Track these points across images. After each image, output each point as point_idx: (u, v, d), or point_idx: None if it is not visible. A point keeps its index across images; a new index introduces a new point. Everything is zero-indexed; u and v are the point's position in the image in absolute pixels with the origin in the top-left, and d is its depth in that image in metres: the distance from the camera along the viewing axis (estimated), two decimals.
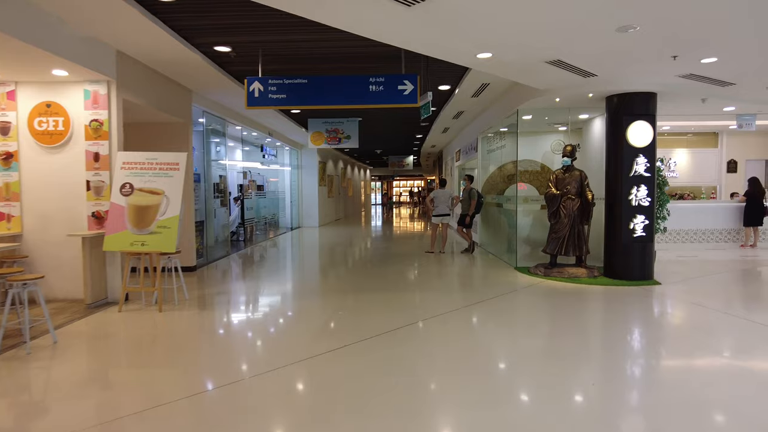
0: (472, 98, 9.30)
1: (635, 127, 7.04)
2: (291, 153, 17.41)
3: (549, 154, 9.73)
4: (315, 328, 5.09)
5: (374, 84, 6.22)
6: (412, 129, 14.31)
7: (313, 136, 11.85)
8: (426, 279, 7.76)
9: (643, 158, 7.07)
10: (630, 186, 7.11)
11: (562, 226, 7.62)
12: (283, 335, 4.96)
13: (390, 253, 10.89)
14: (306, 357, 4.16)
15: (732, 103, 8.26)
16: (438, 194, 10.49)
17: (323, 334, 4.90)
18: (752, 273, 8.09)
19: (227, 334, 5.03)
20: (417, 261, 9.50)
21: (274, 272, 8.71)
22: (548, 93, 7.21)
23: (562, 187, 7.66)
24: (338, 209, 22.30)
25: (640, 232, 7.12)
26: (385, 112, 11.41)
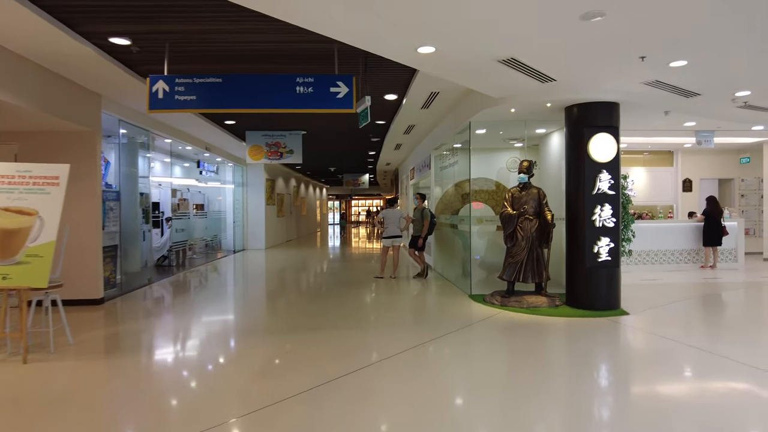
0: (422, 110, 8.53)
1: (597, 140, 6.39)
2: (235, 170, 16.21)
3: (504, 172, 9.06)
4: (231, 386, 4.01)
5: (302, 85, 5.29)
6: (363, 145, 13.46)
7: (252, 151, 10.79)
8: (372, 312, 6.78)
9: (607, 174, 6.41)
10: (593, 205, 6.42)
11: (520, 250, 6.84)
12: (186, 396, 3.85)
13: (338, 280, 9.87)
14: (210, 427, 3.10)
15: (693, 118, 7.80)
16: (387, 214, 9.61)
17: (239, 393, 3.83)
18: (719, 299, 7.53)
19: (103, 397, 3.87)
20: (366, 289, 8.52)
21: (198, 306, 7.52)
22: (503, 102, 6.49)
23: (519, 207, 6.91)
24: (290, 230, 21.11)
25: (606, 256, 6.42)
26: (331, 125, 10.51)
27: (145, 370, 4.48)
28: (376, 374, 4.17)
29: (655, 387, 3.87)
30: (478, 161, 9.08)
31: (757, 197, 13.87)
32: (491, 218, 8.34)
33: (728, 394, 3.72)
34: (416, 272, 10.00)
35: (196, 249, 14.64)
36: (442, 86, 7.01)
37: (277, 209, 18.84)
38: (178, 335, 5.71)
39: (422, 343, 5.05)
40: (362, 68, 5.72)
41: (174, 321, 6.41)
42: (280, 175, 19.37)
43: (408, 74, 6.67)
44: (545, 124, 7.94)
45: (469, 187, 7.84)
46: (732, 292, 7.92)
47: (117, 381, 4.17)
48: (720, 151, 13.45)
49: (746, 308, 7.14)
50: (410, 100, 7.80)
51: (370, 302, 7.39)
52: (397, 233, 9.52)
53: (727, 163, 13.68)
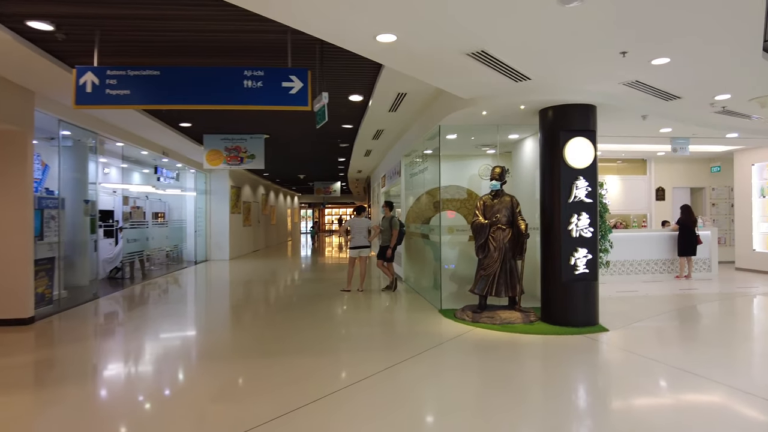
0: (390, 113, 8.05)
1: (574, 145, 6.00)
2: (197, 176, 15.44)
3: (476, 179, 8.65)
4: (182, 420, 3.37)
5: (251, 79, 4.73)
6: (331, 151, 12.91)
7: (210, 155, 10.12)
8: (336, 331, 6.20)
9: (584, 181, 6.02)
10: (569, 214, 6.02)
11: (492, 261, 6.39)
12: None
13: (302, 294, 9.25)
14: None
15: (670, 123, 7.53)
16: (354, 223, 9.06)
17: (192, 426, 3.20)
18: (699, 312, 7.22)
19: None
20: (331, 304, 7.93)
21: (145, 324, 6.81)
22: (474, 104, 6.05)
23: (491, 216, 6.47)
24: (257, 239, 20.33)
25: (583, 269, 6.01)
26: (294, 128, 9.94)
27: (71, 406, 3.80)
28: (331, 408, 3.60)
29: (640, 416, 3.41)
30: (449, 168, 8.65)
31: (727, 206, 13.85)
32: (463, 228, 7.89)
33: (716, 420, 3.29)
34: (386, 284, 9.46)
35: (155, 260, 13.81)
36: (410, 87, 6.54)
37: (243, 218, 18.08)
38: (116, 361, 5.03)
39: (385, 368, 4.50)
40: (318, 62, 5.19)
41: (114, 343, 5.71)
42: (247, 182, 18.64)
43: (372, 72, 6.17)
44: (518, 129, 7.56)
45: (439, 195, 7.36)
46: (710, 305, 7.62)
47: (37, 419, 3.49)
48: (692, 160, 13.38)
49: (726, 323, 6.83)
50: (377, 101, 7.31)
51: (332, 320, 6.81)
52: (365, 243, 8.98)
53: (698, 172, 13.63)
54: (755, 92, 5.82)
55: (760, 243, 11.74)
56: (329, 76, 6.20)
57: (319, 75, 5.09)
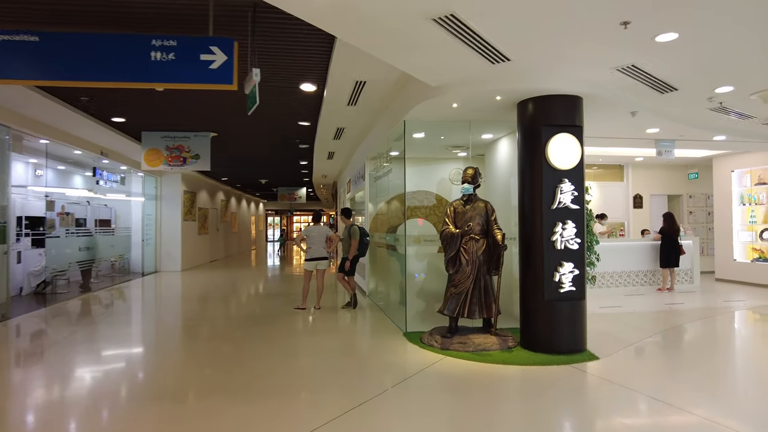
0: (349, 107, 7.10)
1: (558, 143, 5.17)
2: (146, 180, 14.16)
3: (446, 184, 7.79)
4: None
5: (160, 50, 3.71)
6: (290, 152, 11.86)
7: (149, 155, 8.97)
8: (281, 362, 5.15)
9: (569, 184, 5.19)
10: (553, 222, 5.17)
11: (464, 277, 5.48)
12: None
13: (254, 312, 8.16)
14: None
15: (659, 123, 6.83)
16: (311, 232, 8.04)
17: None
18: (692, 333, 6.47)
19: None
20: (282, 325, 6.87)
21: (51, 352, 5.62)
22: (443, 93, 5.16)
23: (463, 224, 5.58)
24: (215, 248, 19.02)
25: (569, 286, 5.16)
26: (245, 125, 8.89)
27: None
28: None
29: None
30: (416, 172, 7.79)
31: (704, 214, 13.41)
32: (431, 237, 6.99)
33: None
34: (346, 300, 8.47)
35: (96, 272, 12.46)
36: (369, 73, 5.62)
37: (198, 225, 16.81)
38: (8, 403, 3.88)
39: (337, 416, 3.51)
40: (251, 32, 4.19)
41: (7, 379, 4.54)
42: (204, 187, 17.38)
43: (321, 51, 5.22)
44: (493, 128, 6.73)
45: (404, 200, 6.44)
46: (702, 323, 6.90)
47: None
48: (669, 166, 12.89)
49: (728, 346, 6.10)
50: (333, 92, 6.36)
51: (280, 348, 5.78)
52: (323, 254, 7.98)
53: (676, 179, 13.15)
54: (761, 85, 5.12)
55: (741, 252, 11.26)
56: (269, 56, 5.21)
57: (252, 50, 4.11)
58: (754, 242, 11.01)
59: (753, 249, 11.06)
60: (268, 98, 7.04)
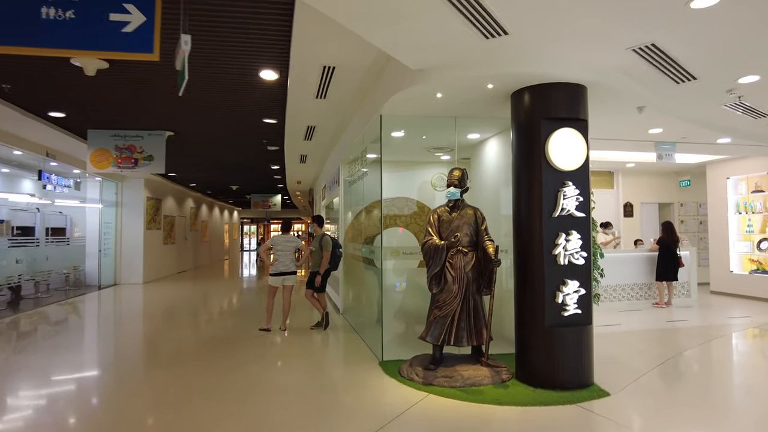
0: (319, 101, 6.26)
1: (560, 139, 4.39)
2: (104, 185, 13.06)
3: (428, 190, 7.01)
4: None
5: (54, 5, 2.82)
6: (259, 155, 10.93)
7: (96, 156, 7.97)
8: (233, 402, 4.23)
9: (574, 188, 4.41)
10: (555, 232, 4.38)
11: (450, 297, 4.65)
12: None
13: (212, 335, 7.19)
14: None
15: (665, 122, 6.15)
16: (278, 242, 7.13)
17: None
18: (708, 355, 5.75)
19: None
20: (242, 352, 5.93)
21: None
22: (425, 79, 4.36)
23: (449, 235, 4.76)
24: (183, 259, 17.88)
25: (574, 309, 4.36)
26: (206, 125, 7.96)
27: None
28: None
29: None
30: (396, 178, 7.02)
31: (695, 223, 12.88)
32: (412, 249, 6.16)
33: None
34: (317, 320, 7.56)
35: (44, 285, 11.32)
36: (339, 56, 4.79)
37: (164, 234, 15.70)
38: None
39: None
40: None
41: None
42: (170, 193, 16.29)
43: (279, 23, 4.37)
44: (481, 125, 5.96)
45: (381, 208, 5.59)
46: (714, 346, 6.18)
47: None
48: (660, 173, 12.34)
49: (752, 376, 5.38)
50: (298, 81, 5.51)
51: (235, 383, 4.85)
52: (290, 268, 7.06)
53: (666, 187, 12.59)
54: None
55: (738, 264, 10.69)
56: (211, 27, 4.35)
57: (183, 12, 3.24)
58: (752, 253, 10.46)
59: (750, 260, 10.50)
60: (226, 90, 6.16)
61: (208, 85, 5.98)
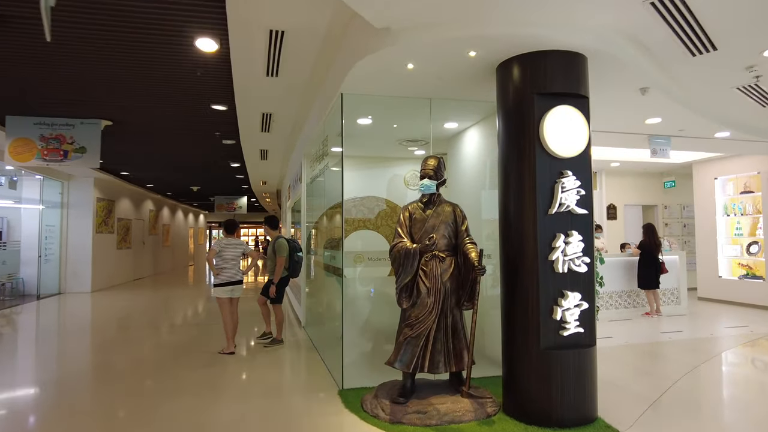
0: (270, 79, 5.35)
1: (557, 119, 3.60)
2: (46, 184, 11.82)
3: (401, 189, 6.20)
4: None
5: None
6: (216, 151, 9.91)
7: (16, 146, 6.87)
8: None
9: (574, 179, 3.62)
10: (552, 233, 3.57)
11: (424, 313, 3.79)
12: None
13: (154, 353, 6.17)
14: None
15: (667, 109, 5.44)
16: (225, 247, 6.14)
17: None
18: (724, 375, 5.03)
19: None
20: (184, 374, 4.96)
21: None
22: (392, 41, 3.51)
23: (422, 236, 3.91)
24: (140, 265, 16.62)
25: (575, 327, 3.55)
26: (147, 113, 6.95)
27: None
28: None
29: None
30: (364, 175, 6.22)
31: (679, 226, 12.37)
32: (380, 254, 5.31)
33: None
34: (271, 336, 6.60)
35: None
36: (288, 17, 3.91)
37: (117, 239, 14.48)
38: None
39: None
40: None
41: None
42: (125, 194, 15.07)
43: None
44: (460, 112, 5.16)
45: (342, 205, 4.70)
46: (724, 361, 5.48)
47: None
48: (644, 174, 11.79)
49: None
50: (241, 50, 4.59)
51: (164, 414, 3.89)
52: (238, 276, 6.11)
53: (650, 188, 12.04)
54: None
55: (726, 268, 10.16)
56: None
57: None
58: (741, 257, 9.94)
59: (739, 264, 9.98)
60: (162, 67, 5.20)
61: (141, 62, 5.02)
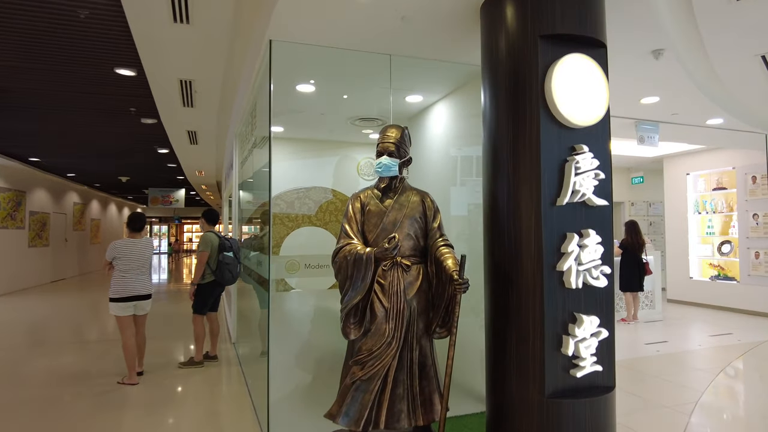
0: (180, 27, 4.08)
1: (568, 72, 2.55)
2: None
3: (353, 178, 5.07)
4: None
5: None
6: (137, 135, 8.43)
7: None
8: None
9: (590, 157, 2.58)
10: (560, 232, 2.52)
11: (381, 345, 2.67)
12: None
13: (40, 382, 4.74)
14: None
15: (670, 83, 4.57)
16: (125, 250, 4.77)
17: None
18: (735, 399, 4.19)
19: None
20: (68, 411, 3.63)
21: None
22: None
23: (379, 236, 2.79)
24: (60, 265, 14.67)
25: (591, 364, 2.52)
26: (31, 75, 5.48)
27: None
28: None
29: None
30: (310, 164, 5.09)
31: (645, 224, 11.85)
32: (321, 262, 4.14)
33: None
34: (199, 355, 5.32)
35: None
36: None
37: (30, 235, 12.60)
38: None
39: None
40: None
41: None
42: (40, 184, 13.17)
43: None
44: (429, 75, 4.08)
45: (269, 198, 3.50)
46: (732, 383, 4.68)
47: None
48: (622, 169, 11.19)
49: None
50: None
51: None
52: (145, 289, 4.79)
53: (617, 184, 11.41)
54: None
55: (697, 269, 9.63)
56: None
57: None
58: (712, 257, 9.43)
59: (710, 265, 9.47)
60: (32, 11, 3.83)
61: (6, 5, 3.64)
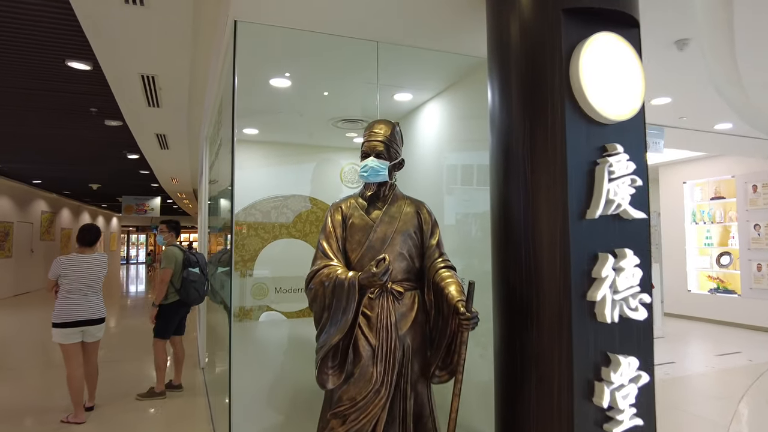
0: (131, 7, 3.53)
1: (598, 55, 2.06)
2: None
3: (336, 186, 4.55)
4: None
5: None
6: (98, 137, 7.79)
7: None
8: None
9: (626, 159, 2.08)
10: (590, 251, 2.02)
11: (367, 394, 2.12)
12: None
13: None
14: None
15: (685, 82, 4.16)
16: (73, 267, 4.15)
17: None
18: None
19: None
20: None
21: None
22: None
23: (364, 256, 2.26)
24: (24, 277, 13.79)
25: (631, 417, 2.00)
26: None
27: None
28: None
29: None
30: (289, 170, 4.60)
31: None
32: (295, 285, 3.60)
33: None
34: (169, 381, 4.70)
35: None
36: None
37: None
38: None
39: None
40: None
41: None
42: (4, 193, 12.39)
43: None
44: (417, 73, 3.60)
45: (231, 206, 2.95)
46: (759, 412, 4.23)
47: None
48: None
49: None
50: None
51: None
52: (97, 313, 4.19)
53: None
54: None
55: (695, 281, 9.28)
56: None
57: None
58: (710, 269, 9.09)
59: (709, 277, 9.12)
60: None
61: None
